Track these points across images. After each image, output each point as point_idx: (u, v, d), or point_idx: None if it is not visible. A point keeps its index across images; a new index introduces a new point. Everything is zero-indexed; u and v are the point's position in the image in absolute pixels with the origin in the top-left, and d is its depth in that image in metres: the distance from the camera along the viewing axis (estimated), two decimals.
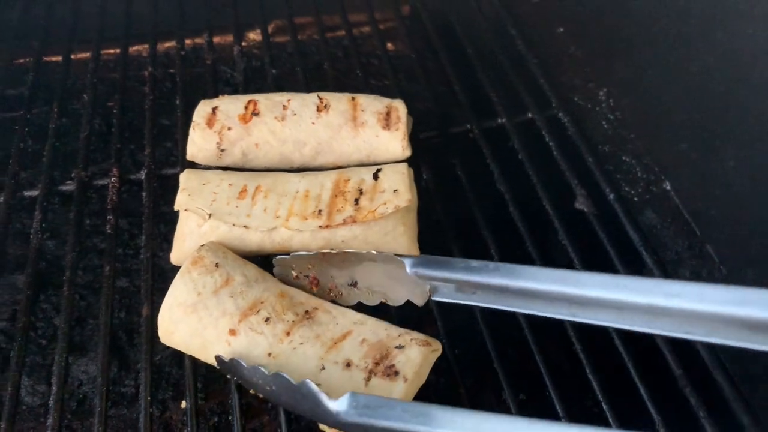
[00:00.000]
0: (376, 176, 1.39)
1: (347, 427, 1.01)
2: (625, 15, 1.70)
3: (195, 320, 1.17)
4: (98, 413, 1.21)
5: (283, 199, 1.35)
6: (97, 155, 1.74)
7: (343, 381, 1.09)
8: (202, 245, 1.27)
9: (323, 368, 1.10)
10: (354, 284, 1.31)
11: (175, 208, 1.37)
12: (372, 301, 1.29)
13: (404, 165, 1.43)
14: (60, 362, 1.27)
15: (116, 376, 1.52)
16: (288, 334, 1.15)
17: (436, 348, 1.17)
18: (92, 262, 1.69)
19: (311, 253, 1.30)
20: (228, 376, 1.20)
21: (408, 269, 1.21)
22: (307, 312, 1.19)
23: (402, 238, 1.32)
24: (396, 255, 1.24)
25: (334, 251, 1.29)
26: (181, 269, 1.23)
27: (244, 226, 1.31)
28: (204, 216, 1.32)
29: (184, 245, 1.36)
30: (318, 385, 1.06)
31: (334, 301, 1.29)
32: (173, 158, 1.74)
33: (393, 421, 0.97)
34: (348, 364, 1.11)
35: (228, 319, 1.17)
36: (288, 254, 1.31)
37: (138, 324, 1.57)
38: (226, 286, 1.20)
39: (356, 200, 1.35)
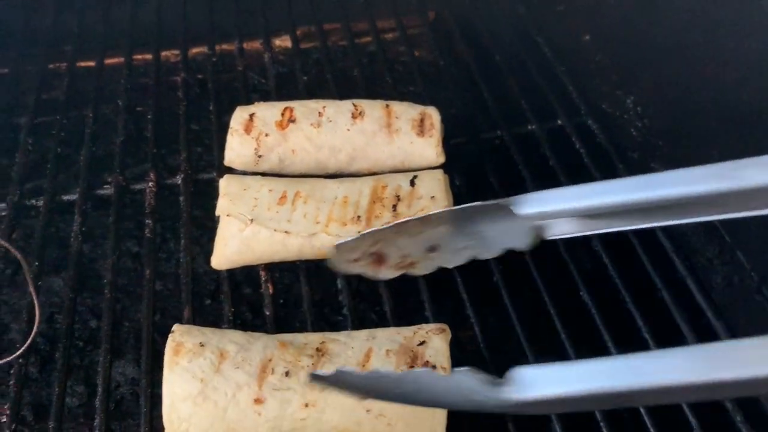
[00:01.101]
0: (412, 183, 1.41)
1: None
2: (653, 24, 1.72)
3: (210, 407, 1.11)
4: (143, 414, 1.23)
5: (322, 205, 1.37)
6: (131, 160, 1.76)
7: None
8: (173, 331, 1.20)
9: None
10: (432, 249, 1.16)
11: (217, 213, 1.40)
12: (456, 262, 1.16)
13: (440, 171, 1.46)
14: (104, 363, 1.29)
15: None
16: None
17: (447, 330, 1.19)
18: (126, 265, 1.71)
19: (387, 226, 1.12)
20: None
21: (516, 211, 1.04)
22: (317, 350, 1.16)
23: None
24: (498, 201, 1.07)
25: (416, 217, 1.12)
26: (165, 364, 1.13)
27: (285, 232, 1.34)
28: (246, 221, 1.35)
29: (225, 249, 1.38)
30: (367, 411, 1.08)
31: (404, 275, 1.17)
32: (206, 163, 1.76)
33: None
34: None
35: (246, 391, 1.11)
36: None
37: (171, 326, 1.60)
38: (225, 360, 1.13)
39: (394, 206, 1.37)
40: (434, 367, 1.11)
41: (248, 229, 1.35)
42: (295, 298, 1.64)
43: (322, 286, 1.66)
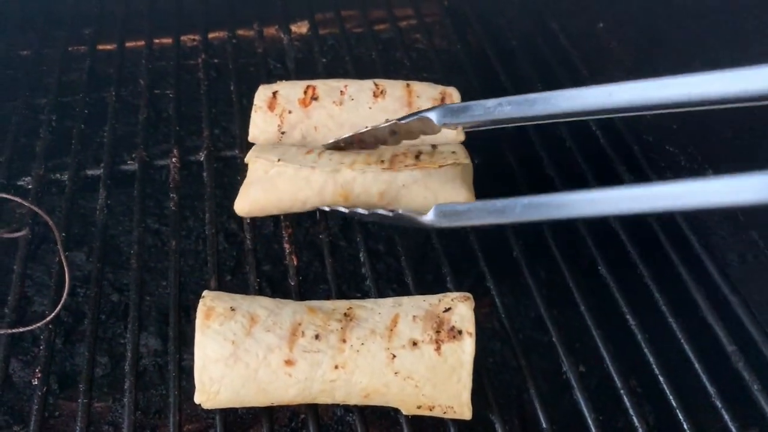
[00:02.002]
0: (434, 147, 1.45)
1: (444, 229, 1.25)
2: (668, 10, 1.75)
3: (242, 368, 1.12)
4: (173, 378, 1.25)
5: (347, 156, 1.42)
6: (154, 138, 1.78)
7: (416, 359, 1.12)
8: (203, 296, 1.21)
9: (394, 356, 1.12)
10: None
11: (246, 159, 1.44)
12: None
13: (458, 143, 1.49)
14: (133, 331, 1.32)
15: None
16: (344, 341, 1.13)
17: (471, 298, 1.21)
18: (147, 240, 1.73)
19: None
20: None
21: (436, 121, 1.27)
22: (345, 314, 1.18)
23: (461, 189, 1.39)
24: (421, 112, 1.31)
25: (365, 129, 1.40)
26: (197, 328, 1.15)
27: (311, 167, 1.38)
28: (273, 161, 1.39)
29: (249, 191, 1.42)
30: (396, 373, 1.12)
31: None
32: (228, 141, 1.79)
33: (477, 220, 1.17)
34: (414, 343, 1.13)
35: (278, 353, 1.13)
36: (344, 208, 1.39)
37: (193, 301, 1.63)
38: (256, 324, 1.15)
39: (417, 156, 1.41)
40: (460, 332, 1.14)
41: (274, 169, 1.39)
42: (316, 274, 1.67)
43: (343, 261, 1.70)
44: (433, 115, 1.27)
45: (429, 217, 1.22)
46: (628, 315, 1.33)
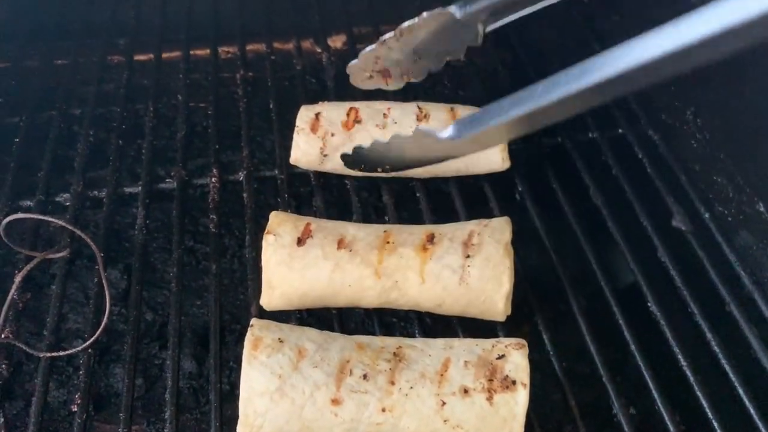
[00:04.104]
0: None
1: (465, 148, 1.19)
2: None
3: (287, 404, 1.10)
4: (214, 408, 1.23)
5: None
6: (192, 155, 1.76)
7: (467, 408, 1.09)
8: (251, 325, 1.19)
9: (444, 403, 1.09)
10: (419, 58, 1.60)
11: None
12: (438, 66, 1.58)
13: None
14: (174, 357, 1.30)
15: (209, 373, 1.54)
16: (393, 383, 1.10)
17: (525, 346, 1.17)
18: (182, 259, 1.71)
19: (372, 46, 1.62)
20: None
21: (458, 14, 1.39)
22: (395, 354, 1.15)
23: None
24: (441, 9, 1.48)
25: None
26: (244, 358, 1.13)
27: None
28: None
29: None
30: (445, 421, 1.08)
31: (409, 83, 1.66)
32: (268, 160, 1.77)
33: (501, 117, 1.05)
34: (465, 391, 1.10)
35: (324, 390, 1.10)
36: None
37: (228, 322, 1.61)
38: (304, 358, 1.12)
39: None
40: (514, 382, 1.10)
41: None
42: None
43: None
44: (452, 8, 1.41)
45: (449, 132, 1.15)
46: (680, 355, 1.29)
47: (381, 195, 1.59)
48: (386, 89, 1.71)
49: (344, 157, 1.44)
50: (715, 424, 1.21)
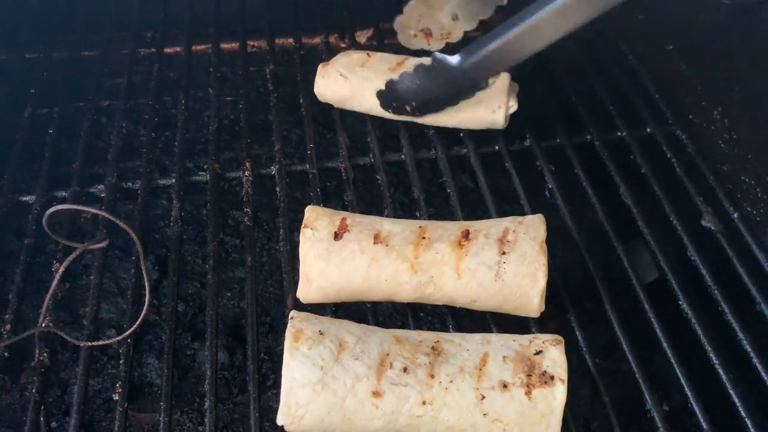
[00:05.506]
0: None
1: (473, 71, 1.43)
2: (744, 34, 1.71)
3: (329, 396, 1.11)
4: (253, 399, 1.25)
5: None
6: (224, 148, 1.77)
7: (506, 402, 1.10)
8: (291, 317, 1.20)
9: (483, 398, 1.11)
10: (455, 18, 1.79)
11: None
12: (473, 24, 1.77)
13: None
14: (212, 349, 1.31)
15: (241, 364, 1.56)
16: (432, 376, 1.11)
17: (562, 341, 1.18)
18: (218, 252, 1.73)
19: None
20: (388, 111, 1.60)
21: None
22: (433, 348, 1.16)
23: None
24: None
25: None
26: (286, 349, 1.14)
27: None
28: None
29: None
30: (484, 414, 1.10)
31: (448, 44, 1.83)
32: (299, 154, 1.79)
33: (502, 37, 1.34)
34: (504, 386, 1.11)
35: (365, 383, 1.11)
36: None
37: (259, 315, 1.62)
38: (344, 351, 1.13)
39: None
40: (552, 377, 1.12)
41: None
42: None
43: None
44: None
45: (457, 58, 1.42)
46: (711, 353, 1.31)
47: (410, 190, 1.61)
48: (428, 49, 1.84)
49: (380, 95, 1.59)
50: (748, 422, 1.22)
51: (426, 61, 1.48)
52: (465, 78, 1.45)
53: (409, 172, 1.63)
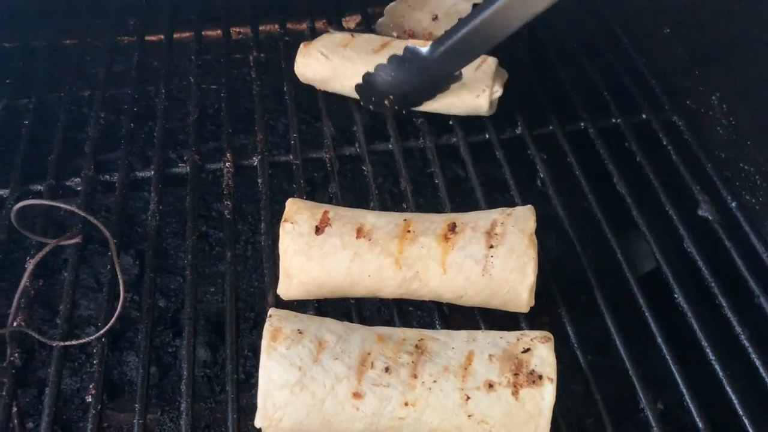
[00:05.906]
0: None
1: (445, 60, 1.44)
2: (736, 20, 1.66)
3: (308, 398, 1.06)
4: (231, 400, 1.20)
5: None
6: (205, 138, 1.72)
7: (492, 403, 1.06)
8: (270, 315, 1.15)
9: (468, 398, 1.06)
10: (435, 18, 1.76)
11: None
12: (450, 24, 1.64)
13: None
14: (189, 347, 1.27)
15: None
16: (415, 376, 1.07)
17: (552, 339, 1.14)
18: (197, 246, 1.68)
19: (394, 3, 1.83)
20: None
21: None
22: (416, 346, 1.12)
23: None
24: None
25: None
26: (263, 349, 1.09)
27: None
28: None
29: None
30: (469, 416, 1.05)
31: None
32: (282, 145, 1.74)
33: (470, 24, 1.36)
34: (490, 386, 1.06)
35: (346, 384, 1.06)
36: None
37: (242, 310, 1.58)
38: (324, 350, 1.09)
39: None
40: (540, 377, 1.07)
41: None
42: None
43: None
44: None
45: (427, 47, 1.45)
46: (708, 348, 1.26)
47: (398, 181, 1.56)
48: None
49: (358, 90, 1.58)
50: (746, 421, 1.18)
51: (399, 52, 1.49)
52: (438, 68, 1.46)
53: (396, 162, 1.58)
